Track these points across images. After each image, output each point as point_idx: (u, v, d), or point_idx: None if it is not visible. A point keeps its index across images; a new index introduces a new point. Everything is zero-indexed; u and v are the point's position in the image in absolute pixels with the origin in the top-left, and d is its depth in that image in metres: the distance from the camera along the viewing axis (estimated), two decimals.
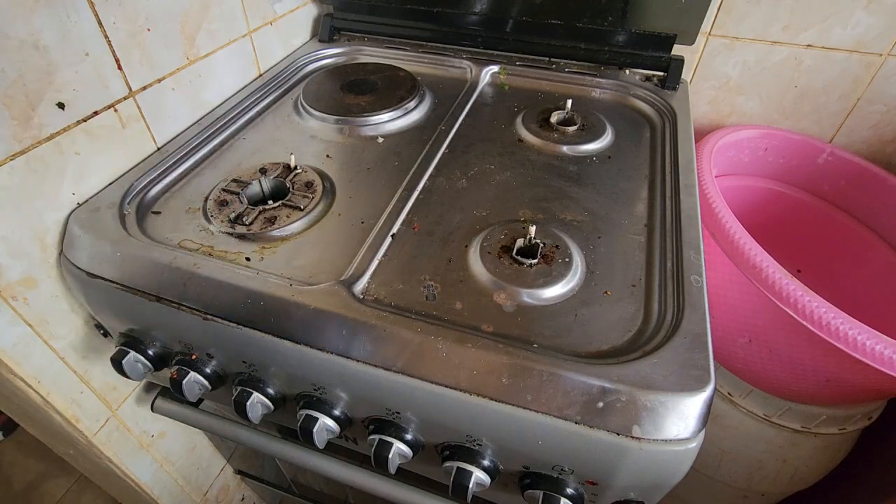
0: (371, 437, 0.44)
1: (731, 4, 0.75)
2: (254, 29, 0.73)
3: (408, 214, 0.53)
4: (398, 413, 0.43)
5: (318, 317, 0.41)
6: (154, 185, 0.56)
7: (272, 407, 0.48)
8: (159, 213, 0.54)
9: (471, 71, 0.79)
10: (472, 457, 0.42)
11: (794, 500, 0.83)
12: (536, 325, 0.42)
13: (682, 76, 0.74)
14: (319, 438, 0.45)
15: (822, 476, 0.76)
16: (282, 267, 0.47)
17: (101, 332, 0.57)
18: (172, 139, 0.62)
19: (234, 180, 0.56)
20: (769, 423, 0.71)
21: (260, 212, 0.51)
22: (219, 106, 0.68)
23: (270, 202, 0.53)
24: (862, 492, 0.82)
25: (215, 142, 0.63)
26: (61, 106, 0.49)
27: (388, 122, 0.68)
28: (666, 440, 0.35)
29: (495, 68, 0.80)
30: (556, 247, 0.48)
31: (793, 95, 0.80)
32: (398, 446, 0.43)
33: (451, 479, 0.42)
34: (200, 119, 0.66)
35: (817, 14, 0.72)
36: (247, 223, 0.50)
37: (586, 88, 0.77)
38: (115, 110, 0.54)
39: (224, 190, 0.55)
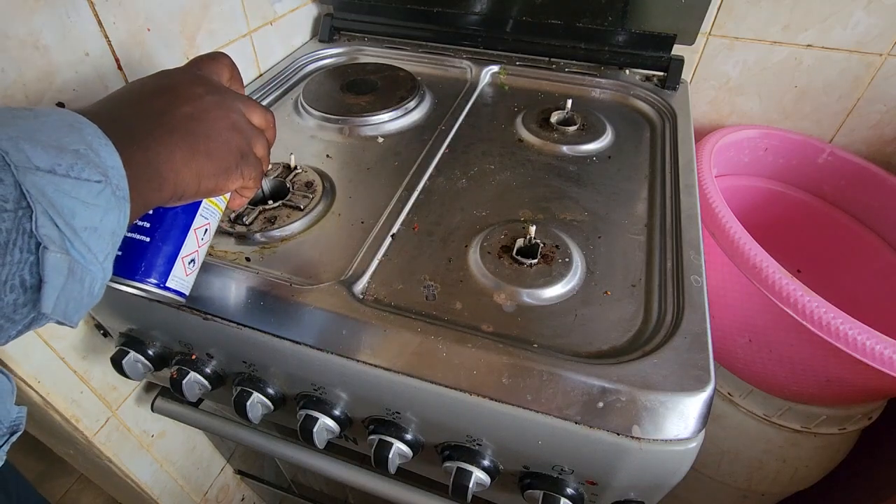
0: (371, 437, 0.44)
1: (731, 4, 0.75)
2: (254, 29, 0.73)
3: (408, 214, 0.53)
4: (398, 413, 0.43)
5: (318, 317, 0.41)
6: None
7: (272, 407, 0.48)
8: None
9: (471, 71, 0.79)
10: (472, 457, 0.42)
11: (794, 500, 0.83)
12: (536, 325, 0.42)
13: (682, 76, 0.74)
14: (319, 438, 0.45)
15: (822, 476, 0.76)
16: (282, 267, 0.47)
17: (101, 332, 0.57)
18: None
19: None
20: (769, 423, 0.71)
21: (260, 212, 0.51)
22: None
23: (270, 202, 0.53)
24: (862, 492, 0.82)
25: None
26: (61, 106, 0.48)
27: (388, 122, 0.68)
28: (666, 440, 0.35)
29: (495, 68, 0.80)
30: (556, 247, 0.48)
31: (793, 95, 0.80)
32: (398, 446, 0.43)
33: (451, 479, 0.42)
34: None
35: (817, 14, 0.72)
36: (247, 223, 0.50)
37: (586, 88, 0.77)
38: None
39: None
